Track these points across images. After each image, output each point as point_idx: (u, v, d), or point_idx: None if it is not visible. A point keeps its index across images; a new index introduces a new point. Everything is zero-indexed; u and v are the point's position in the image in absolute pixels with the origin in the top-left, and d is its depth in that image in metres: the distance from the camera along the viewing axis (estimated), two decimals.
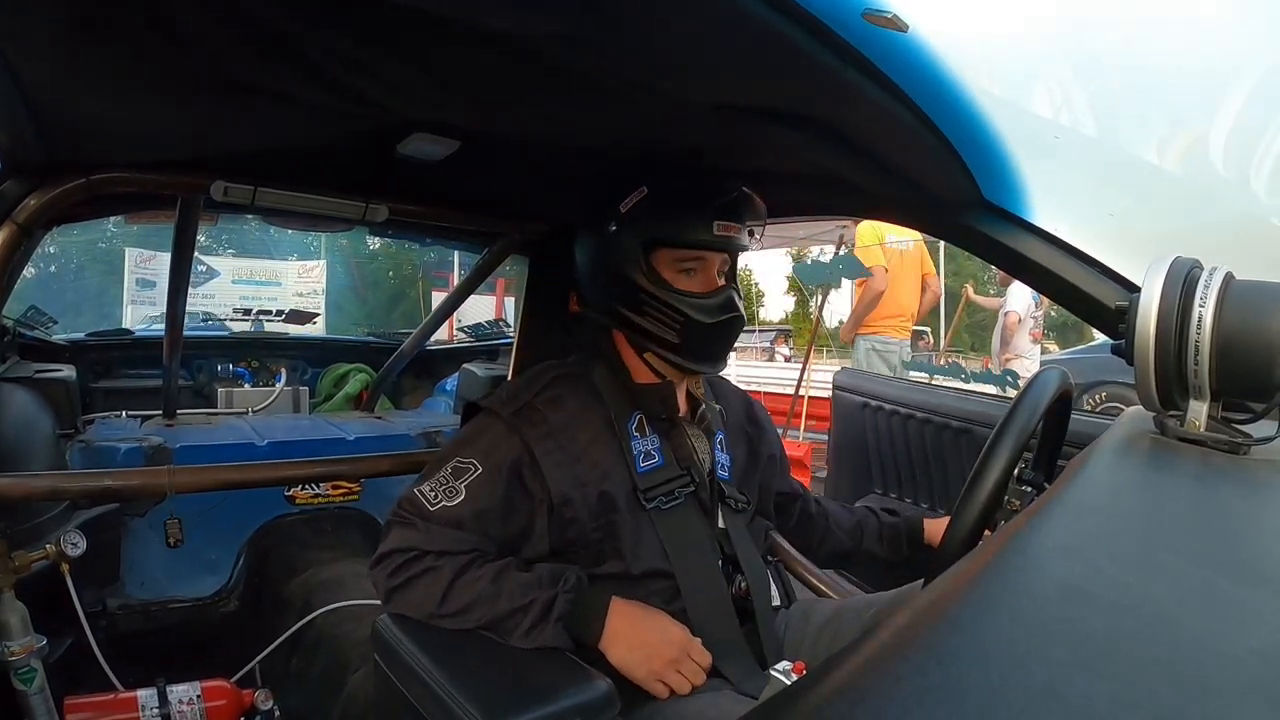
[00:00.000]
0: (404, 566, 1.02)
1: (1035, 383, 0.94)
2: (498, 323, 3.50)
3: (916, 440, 1.90)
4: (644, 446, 1.13)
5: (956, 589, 0.45)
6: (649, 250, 1.12)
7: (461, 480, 1.05)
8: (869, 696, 0.33)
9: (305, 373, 3.33)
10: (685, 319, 1.11)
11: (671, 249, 1.12)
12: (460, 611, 1.00)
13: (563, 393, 1.14)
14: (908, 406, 1.92)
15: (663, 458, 1.14)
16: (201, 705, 1.53)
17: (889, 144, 1.14)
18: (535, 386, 1.15)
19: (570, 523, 1.07)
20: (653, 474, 1.12)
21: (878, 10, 0.78)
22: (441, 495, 1.05)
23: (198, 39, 0.85)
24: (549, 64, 0.89)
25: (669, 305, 1.11)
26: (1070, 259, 1.23)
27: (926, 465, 1.87)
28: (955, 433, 1.80)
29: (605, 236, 1.15)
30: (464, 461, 1.07)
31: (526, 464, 1.07)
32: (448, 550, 1.02)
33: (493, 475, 1.06)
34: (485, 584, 1.00)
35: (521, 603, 0.98)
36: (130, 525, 2.04)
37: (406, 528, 1.05)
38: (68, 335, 2.83)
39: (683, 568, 1.10)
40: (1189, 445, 0.78)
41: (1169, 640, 0.37)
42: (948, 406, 1.85)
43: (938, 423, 1.84)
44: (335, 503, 2.34)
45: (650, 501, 1.10)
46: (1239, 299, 0.75)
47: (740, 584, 1.15)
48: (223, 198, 1.38)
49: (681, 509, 1.13)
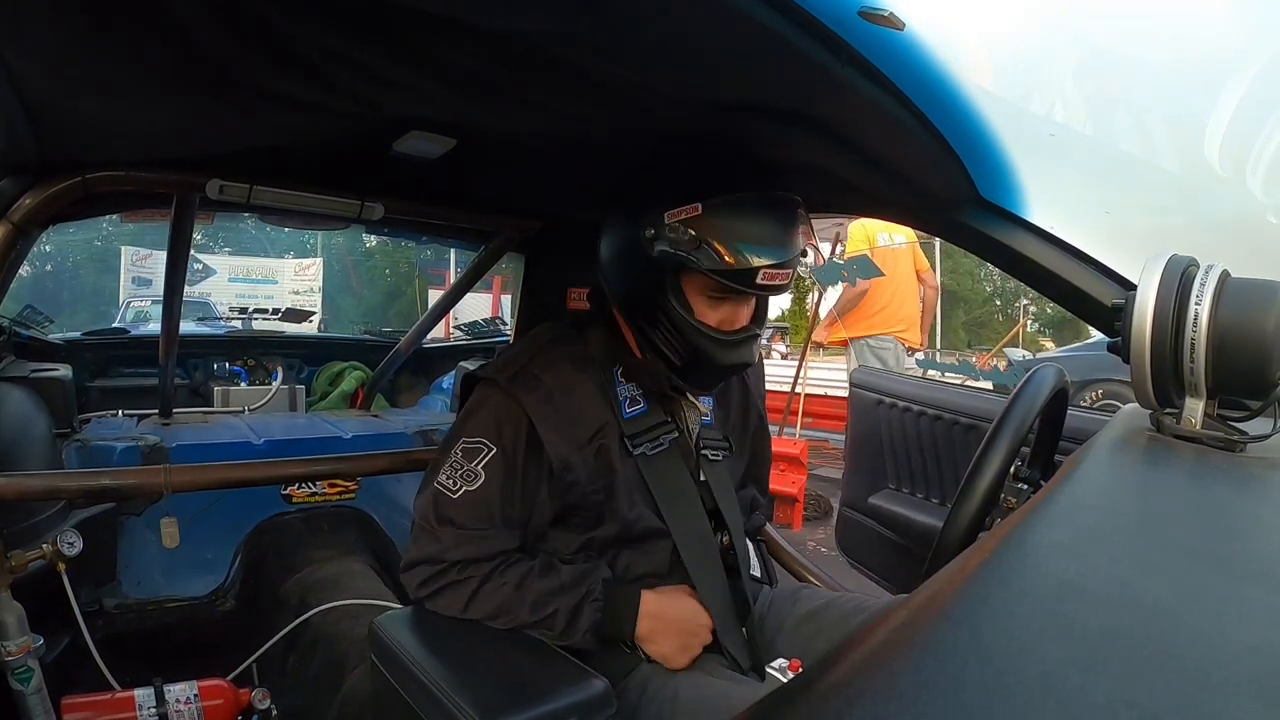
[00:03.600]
0: (431, 579, 1.03)
1: (1031, 381, 0.94)
2: (494, 320, 3.50)
3: (929, 436, 1.90)
4: (629, 393, 1.13)
5: (953, 585, 0.45)
6: (681, 270, 1.04)
7: (477, 462, 1.04)
8: (867, 692, 0.33)
9: (301, 371, 3.32)
10: (695, 350, 1.06)
11: (707, 278, 1.03)
12: (486, 619, 1.02)
13: (556, 355, 1.13)
14: (921, 403, 1.93)
15: (647, 405, 1.14)
16: (199, 704, 1.53)
17: (885, 141, 1.14)
18: (531, 350, 1.13)
19: (571, 486, 1.07)
20: (637, 420, 1.12)
21: (874, 8, 0.78)
22: (461, 481, 1.04)
23: (193, 37, 0.85)
24: (545, 61, 0.89)
25: (682, 335, 1.05)
26: (1066, 256, 1.23)
27: (938, 461, 1.88)
28: (965, 429, 1.81)
29: (641, 237, 1.04)
30: (473, 441, 1.06)
31: (527, 431, 1.06)
32: (472, 558, 1.03)
33: (505, 451, 1.05)
34: (509, 591, 1.02)
35: (544, 614, 1.01)
36: (127, 524, 2.03)
37: (430, 536, 1.05)
38: (64, 334, 2.83)
39: (675, 523, 1.11)
40: (1185, 442, 0.78)
41: (1164, 636, 0.37)
42: (959, 403, 1.85)
43: (948, 419, 1.85)
44: (332, 501, 2.33)
45: (637, 447, 1.10)
46: (1235, 297, 0.75)
47: (722, 538, 1.16)
48: (218, 196, 1.38)
49: (667, 456, 1.14)
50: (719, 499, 1.18)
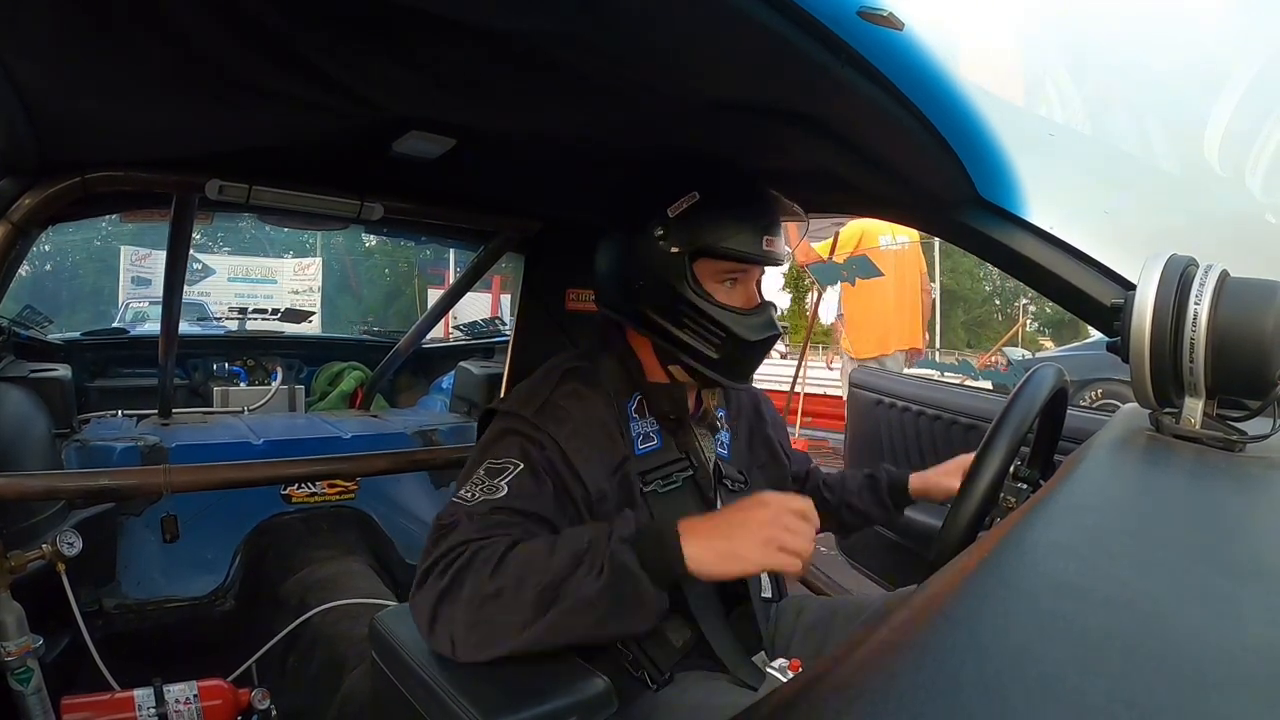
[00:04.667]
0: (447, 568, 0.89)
1: (1031, 380, 0.93)
2: (494, 320, 3.50)
3: (928, 436, 1.91)
4: (642, 429, 1.12)
5: (953, 585, 0.45)
6: (695, 258, 1.06)
7: (501, 479, 0.97)
8: (866, 692, 0.33)
9: (301, 371, 3.33)
10: (728, 335, 1.06)
11: (717, 260, 1.07)
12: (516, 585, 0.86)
13: (578, 386, 1.11)
14: (919, 403, 1.94)
15: (661, 441, 1.13)
16: (198, 705, 1.53)
17: (884, 141, 1.14)
18: (551, 382, 1.11)
19: (605, 517, 1.04)
20: (649, 457, 1.11)
21: (873, 8, 0.78)
22: (480, 493, 0.96)
23: (193, 37, 0.85)
24: (545, 62, 0.89)
25: (713, 320, 1.06)
26: (1066, 256, 1.23)
27: (938, 460, 1.89)
28: (965, 429, 1.81)
29: (648, 239, 1.07)
30: (498, 461, 1.00)
31: (561, 462, 1.01)
32: (496, 535, 0.91)
33: (535, 471, 0.99)
34: (540, 546, 0.89)
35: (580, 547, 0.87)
36: (126, 525, 2.04)
37: (445, 535, 0.93)
38: (63, 334, 2.83)
39: None
40: (1184, 442, 0.78)
41: (1163, 635, 0.37)
42: (958, 403, 1.86)
43: (947, 419, 1.86)
44: (331, 501, 2.33)
45: (648, 484, 1.09)
46: (1234, 296, 0.75)
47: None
48: (218, 196, 1.38)
49: (678, 493, 1.12)
50: None
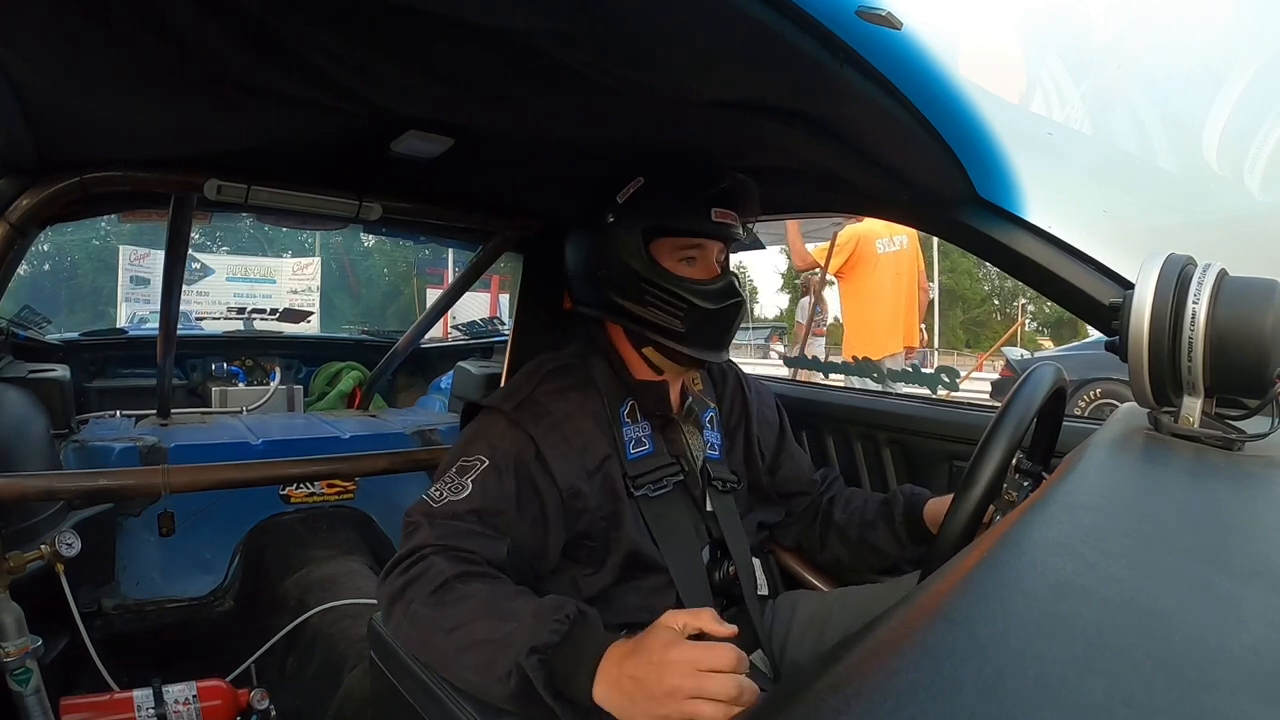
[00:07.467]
0: (405, 570, 0.92)
1: (1030, 379, 0.93)
2: (492, 320, 3.50)
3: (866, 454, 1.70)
4: (635, 434, 1.14)
5: (951, 584, 0.45)
6: (648, 239, 1.12)
7: (467, 476, 1.02)
8: (864, 692, 0.33)
9: (299, 371, 3.32)
10: (689, 305, 1.10)
11: (670, 238, 1.12)
12: (447, 628, 0.86)
13: (563, 384, 1.13)
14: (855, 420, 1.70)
15: (653, 445, 1.15)
16: (197, 705, 1.53)
17: (883, 140, 1.14)
18: (535, 379, 1.14)
19: (581, 513, 1.06)
20: (641, 461, 1.12)
21: (872, 8, 0.78)
22: (447, 493, 1.01)
23: (191, 37, 0.85)
24: (543, 61, 0.89)
25: (672, 293, 1.10)
26: (1064, 255, 1.23)
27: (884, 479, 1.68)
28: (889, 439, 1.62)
29: (603, 228, 1.14)
30: (469, 459, 1.04)
31: (533, 459, 1.04)
32: (452, 546, 0.93)
33: (499, 469, 1.02)
34: (475, 607, 0.86)
35: (503, 633, 0.82)
36: (125, 525, 2.04)
37: (410, 535, 0.98)
38: (62, 334, 2.82)
39: (674, 563, 1.10)
40: (1183, 441, 0.78)
41: (1162, 635, 0.37)
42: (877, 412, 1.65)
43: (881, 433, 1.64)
44: (330, 501, 2.33)
45: (639, 489, 1.10)
46: (1232, 295, 0.75)
47: (728, 568, 1.15)
48: (216, 196, 1.38)
49: (669, 496, 1.13)
50: (725, 529, 1.18)
